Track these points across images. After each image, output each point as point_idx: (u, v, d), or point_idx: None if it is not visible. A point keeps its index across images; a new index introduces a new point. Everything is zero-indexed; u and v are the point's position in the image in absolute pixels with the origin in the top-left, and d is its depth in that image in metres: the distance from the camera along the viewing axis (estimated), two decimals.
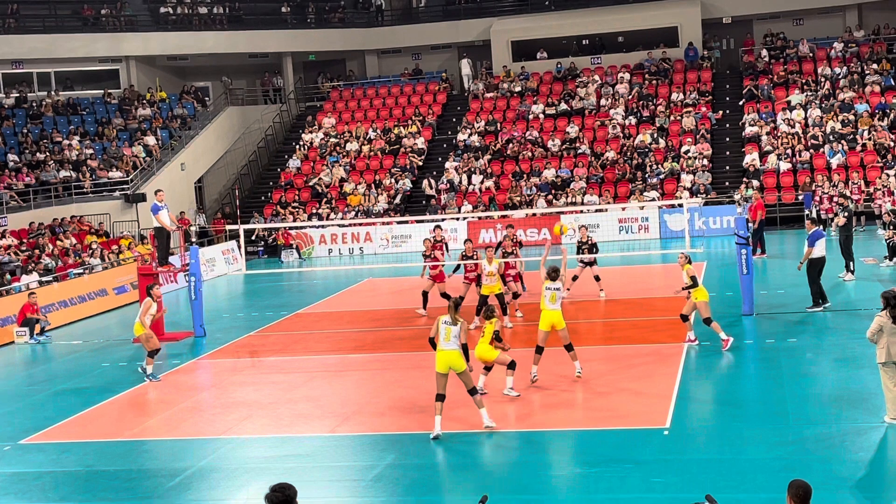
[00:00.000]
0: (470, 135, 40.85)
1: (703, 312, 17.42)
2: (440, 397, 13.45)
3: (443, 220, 35.14)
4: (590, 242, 23.18)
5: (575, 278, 23.44)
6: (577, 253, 23.21)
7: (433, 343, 13.53)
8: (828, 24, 43.13)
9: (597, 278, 23.21)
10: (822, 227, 22.97)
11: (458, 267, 22.64)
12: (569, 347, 15.89)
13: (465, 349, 13.50)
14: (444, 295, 21.87)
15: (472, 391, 13.57)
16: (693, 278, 17.45)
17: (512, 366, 14.97)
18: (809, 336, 18.31)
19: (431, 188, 38.58)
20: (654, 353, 17.82)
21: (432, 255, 22.59)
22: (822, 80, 39.55)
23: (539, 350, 15.86)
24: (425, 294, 22.56)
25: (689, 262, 17.76)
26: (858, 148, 35.80)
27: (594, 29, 44.20)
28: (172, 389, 17.86)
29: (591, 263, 23.32)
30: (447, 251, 24.08)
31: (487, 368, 15.23)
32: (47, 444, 14.82)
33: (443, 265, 22.78)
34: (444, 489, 12.11)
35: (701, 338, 18.35)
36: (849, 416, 13.31)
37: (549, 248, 18.12)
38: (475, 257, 21.80)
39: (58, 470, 13.56)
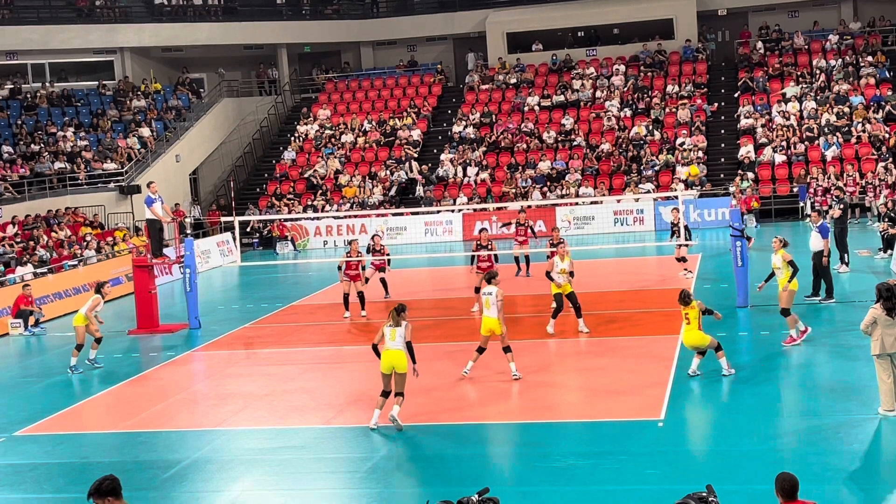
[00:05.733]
0: (465, 127, 40.81)
1: (784, 302, 16.85)
2: (384, 394, 13.56)
3: (438, 212, 35.16)
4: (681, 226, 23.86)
5: (682, 259, 24.03)
6: (671, 238, 24.62)
7: (376, 350, 13.67)
8: (823, 16, 43.17)
9: (682, 259, 23.93)
10: None
11: (473, 258, 22.46)
12: (506, 349, 15.51)
13: (409, 347, 13.38)
14: (360, 294, 21.99)
15: (399, 394, 13.48)
16: (791, 262, 16.78)
17: (719, 348, 14.96)
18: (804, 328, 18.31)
19: (413, 172, 38.62)
20: (648, 344, 17.84)
21: (361, 258, 22.44)
22: (818, 72, 39.55)
23: (480, 350, 15.73)
24: (346, 297, 22.24)
25: (785, 246, 17.12)
26: (853, 140, 35.83)
27: (589, 21, 44.19)
28: (167, 381, 17.86)
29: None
30: (388, 263, 23.99)
31: (701, 353, 15.11)
32: (42, 436, 14.80)
33: (363, 267, 22.73)
34: (439, 481, 12.10)
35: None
36: (843, 408, 13.33)
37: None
38: (490, 247, 21.70)
39: (52, 461, 13.54)
